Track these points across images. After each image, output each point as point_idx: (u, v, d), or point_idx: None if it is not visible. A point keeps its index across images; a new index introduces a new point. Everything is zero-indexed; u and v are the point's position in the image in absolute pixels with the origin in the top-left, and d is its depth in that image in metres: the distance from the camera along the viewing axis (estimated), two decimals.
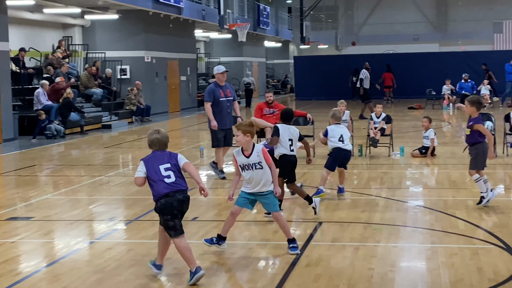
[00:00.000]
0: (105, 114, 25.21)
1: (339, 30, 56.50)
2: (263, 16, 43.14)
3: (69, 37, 27.75)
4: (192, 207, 9.82)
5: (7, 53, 20.09)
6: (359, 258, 7.18)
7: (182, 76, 33.40)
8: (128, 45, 28.63)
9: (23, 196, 11.23)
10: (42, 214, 9.64)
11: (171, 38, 31.52)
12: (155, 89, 30.03)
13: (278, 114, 15.31)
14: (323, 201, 9.92)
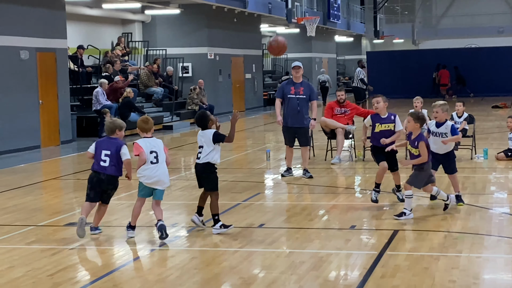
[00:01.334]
0: (166, 115, 25.54)
1: (416, 23, 55.84)
2: (333, 9, 42.96)
3: (129, 34, 28.24)
4: (258, 213, 9.90)
5: (65, 51, 20.58)
6: (439, 269, 7.08)
7: (247, 74, 33.57)
8: (190, 41, 28.94)
9: (81, 201, 11.44)
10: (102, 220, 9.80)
11: (236, 33, 31.72)
12: (218, 87, 30.27)
13: (350, 113, 15.23)
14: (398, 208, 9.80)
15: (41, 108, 19.22)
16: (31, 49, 18.76)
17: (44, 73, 19.38)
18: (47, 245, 8.35)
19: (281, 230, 8.95)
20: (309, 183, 12.56)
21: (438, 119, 9.99)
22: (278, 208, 10.55)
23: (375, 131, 10.23)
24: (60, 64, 20.08)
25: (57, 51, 19.90)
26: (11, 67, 17.97)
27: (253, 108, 33.82)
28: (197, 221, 8.92)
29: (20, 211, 10.49)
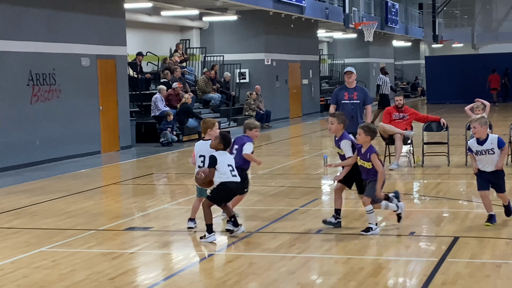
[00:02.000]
0: (224, 120, 25.68)
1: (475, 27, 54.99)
2: (391, 13, 42.66)
3: (187, 40, 28.51)
4: (316, 219, 9.87)
5: (124, 57, 20.87)
6: (502, 276, 6.96)
7: (304, 79, 33.55)
8: (247, 47, 29.07)
9: (140, 206, 11.61)
10: (160, 224, 9.92)
11: (292, 39, 31.75)
12: (275, 93, 30.32)
13: (409, 119, 15.08)
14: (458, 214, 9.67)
15: (102, 114, 19.52)
16: (92, 56, 19.09)
17: (104, 80, 19.69)
18: (108, 249, 8.47)
19: (339, 236, 8.89)
20: None
21: (477, 135, 8.89)
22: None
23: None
24: (120, 70, 20.37)
25: (117, 58, 20.20)
26: (72, 74, 18.31)
27: (310, 113, 33.77)
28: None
29: (81, 215, 10.67)
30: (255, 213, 10.61)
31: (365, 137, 8.80)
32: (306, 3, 30.12)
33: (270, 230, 9.29)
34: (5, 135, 16.00)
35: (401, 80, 52.76)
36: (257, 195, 12.21)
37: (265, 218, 10.11)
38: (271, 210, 10.69)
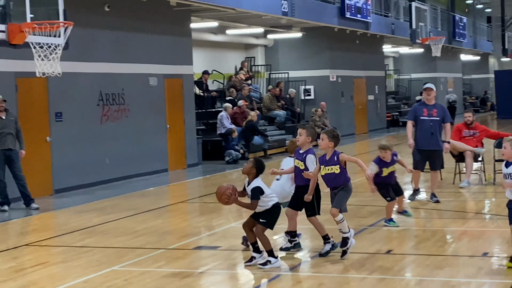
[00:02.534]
0: (289, 137, 25.65)
1: None
2: (459, 27, 42.11)
3: (252, 58, 28.69)
4: (386, 239, 9.78)
5: (191, 76, 21.12)
6: None
7: (369, 95, 33.36)
8: (312, 64, 29.08)
9: (208, 224, 11.69)
10: (228, 243, 9.96)
11: (358, 54, 31.63)
12: (340, 109, 30.22)
13: (480, 136, 14.84)
14: None
15: (169, 132, 19.77)
16: (160, 75, 19.38)
17: (171, 98, 19.95)
18: (177, 268, 8.55)
19: (410, 257, 8.80)
20: (437, 208, 12.31)
21: (506, 157, 7.90)
22: (406, 234, 10.38)
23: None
24: (186, 89, 20.62)
25: (183, 77, 20.46)
26: (141, 93, 18.61)
27: (376, 129, 33.52)
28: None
29: (150, 234, 10.80)
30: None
31: (328, 142, 8.73)
32: (371, 18, 29.99)
33: (338, 250, 9.22)
34: (77, 154, 16.34)
35: (469, 95, 51.95)
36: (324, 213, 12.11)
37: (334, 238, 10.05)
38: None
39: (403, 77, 42.85)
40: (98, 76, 17.18)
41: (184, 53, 20.50)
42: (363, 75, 32.58)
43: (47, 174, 15.56)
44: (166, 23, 19.66)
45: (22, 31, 9.58)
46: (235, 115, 22.50)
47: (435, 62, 42.47)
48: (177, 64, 20.16)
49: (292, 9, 23.60)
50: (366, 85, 32.99)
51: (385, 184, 10.72)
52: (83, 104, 16.72)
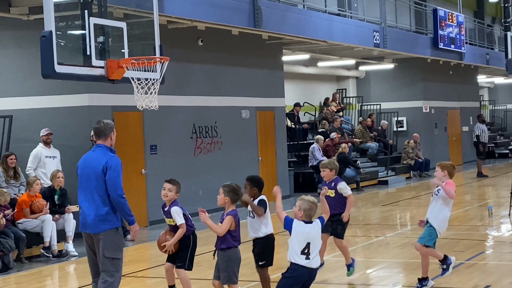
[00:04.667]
0: (381, 169, 25.44)
1: None
2: None
3: (343, 90, 28.65)
4: (484, 274, 9.51)
5: (283, 108, 21.25)
6: None
7: (464, 126, 32.73)
8: (404, 95, 28.79)
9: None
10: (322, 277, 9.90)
11: (451, 85, 31.14)
12: (434, 141, 29.75)
13: None
14: None
15: (261, 165, 19.89)
16: (252, 108, 19.58)
17: (263, 131, 20.11)
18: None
19: None
20: None
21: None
22: (504, 269, 10.10)
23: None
24: (278, 121, 20.75)
25: (275, 109, 20.61)
26: (233, 125, 18.84)
27: (471, 161, 32.77)
28: None
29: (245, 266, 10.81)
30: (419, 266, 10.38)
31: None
32: (465, 49, 29.52)
33: (436, 285, 9.04)
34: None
35: None
36: None
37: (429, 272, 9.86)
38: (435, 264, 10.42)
39: (499, 107, 41.86)
40: (192, 109, 17.50)
41: (276, 86, 20.67)
42: (457, 106, 32.02)
43: (143, 206, 15.88)
44: (258, 56, 19.90)
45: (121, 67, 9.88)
46: (327, 147, 22.46)
47: None
48: (269, 96, 20.34)
49: (384, 41, 23.50)
50: (460, 116, 32.39)
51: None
52: (177, 137, 17.04)
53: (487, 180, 24.37)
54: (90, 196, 7.19)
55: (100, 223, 7.17)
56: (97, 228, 7.17)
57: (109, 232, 7.17)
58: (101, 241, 7.19)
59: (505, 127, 41.37)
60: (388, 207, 17.93)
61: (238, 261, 7.79)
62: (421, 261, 8.71)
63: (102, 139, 7.35)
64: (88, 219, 7.21)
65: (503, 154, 36.32)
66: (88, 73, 9.77)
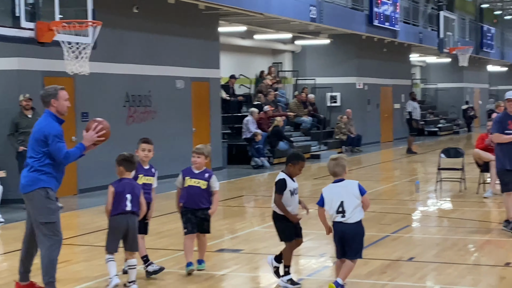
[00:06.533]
0: (314, 144, 25.62)
1: None
2: (486, 38, 41.78)
3: (279, 63, 28.65)
4: (408, 246, 9.69)
5: (218, 80, 21.13)
6: None
7: (395, 104, 33.18)
8: (339, 71, 28.99)
9: (231, 228, 11.67)
10: (251, 247, 9.94)
11: (385, 63, 31.48)
12: (366, 117, 30.08)
13: None
14: None
15: (194, 136, 19.78)
16: (187, 78, 19.40)
17: (197, 102, 19.97)
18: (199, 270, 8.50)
19: (432, 265, 8.70)
20: (460, 217, 12.20)
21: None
22: (428, 242, 10.29)
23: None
24: (213, 93, 20.63)
25: (210, 81, 20.47)
26: (167, 96, 18.64)
27: (401, 138, 33.25)
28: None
29: (173, 235, 10.79)
30: None
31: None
32: (399, 27, 29.84)
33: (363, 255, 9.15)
34: (101, 154, 16.38)
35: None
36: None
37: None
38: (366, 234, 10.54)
39: (430, 86, 42.58)
40: (126, 78, 17.24)
41: (211, 57, 20.52)
42: (390, 83, 32.41)
43: (72, 174, 15.61)
44: (195, 27, 19.70)
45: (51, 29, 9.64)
46: (260, 120, 22.48)
47: (462, 72, 42.13)
48: (204, 67, 20.18)
49: (321, 16, 23.55)
50: (393, 93, 32.81)
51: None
52: (110, 105, 16.77)
53: (416, 157, 24.78)
54: (27, 158, 7.18)
55: (27, 184, 7.09)
56: (25, 189, 7.10)
57: (37, 193, 7.04)
58: (30, 203, 7.10)
59: (435, 105, 42.13)
60: (319, 181, 18.07)
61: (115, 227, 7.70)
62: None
63: (46, 106, 7.25)
64: (21, 181, 7.15)
65: (433, 132, 37.07)
66: (17, 34, 9.50)
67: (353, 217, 7.18)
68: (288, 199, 7.73)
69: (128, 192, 7.72)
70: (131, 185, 7.78)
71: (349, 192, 7.25)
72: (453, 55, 34.89)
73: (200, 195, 8.29)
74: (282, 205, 7.67)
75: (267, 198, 15.50)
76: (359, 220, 7.21)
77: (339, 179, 7.34)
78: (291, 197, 7.75)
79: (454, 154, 15.97)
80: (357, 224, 7.18)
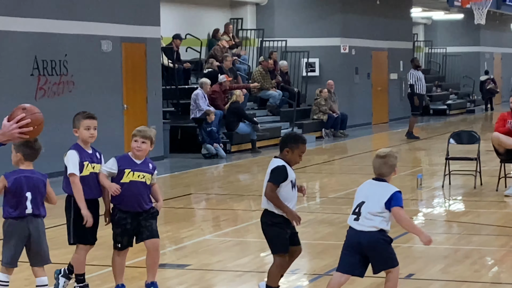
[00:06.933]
0: (285, 125, 25.67)
1: None
2: None
3: (239, 20, 28.62)
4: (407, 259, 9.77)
5: (158, 41, 21.07)
6: None
7: (392, 74, 33.40)
8: (317, 31, 29.08)
9: (175, 236, 11.66)
10: (200, 261, 9.95)
11: (378, 20, 31.66)
12: (354, 91, 30.24)
13: None
14: None
15: (126, 115, 19.71)
16: (115, 38, 19.30)
17: (130, 70, 19.90)
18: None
19: (436, 284, 8.80)
20: (475, 221, 12.32)
21: None
22: (433, 254, 10.38)
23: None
24: (151, 58, 20.56)
25: (147, 42, 20.40)
26: (90, 61, 18.52)
27: (400, 118, 33.53)
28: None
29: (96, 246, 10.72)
30: (326, 249, 10.57)
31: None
32: None
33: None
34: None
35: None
36: (328, 225, 12.17)
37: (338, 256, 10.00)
38: None
39: (437, 50, 42.89)
40: (34, 37, 17.10)
41: (148, 11, 20.46)
42: (385, 47, 32.61)
43: None
44: None
45: None
46: (213, 94, 22.45)
47: (479, 33, 42.54)
48: (139, 24, 20.10)
49: None
50: (388, 60, 33.01)
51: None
52: (12, 73, 16.63)
53: (418, 143, 24.99)
54: None
55: None
56: None
57: None
58: None
59: (443, 75, 42.48)
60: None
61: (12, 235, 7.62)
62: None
63: None
64: None
65: (440, 110, 37.34)
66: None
67: (369, 224, 7.33)
68: (288, 192, 7.71)
69: (29, 189, 7.64)
70: (32, 180, 7.70)
71: (376, 197, 7.37)
72: (466, 10, 35.19)
73: (144, 193, 8.21)
74: (277, 198, 7.64)
75: (222, 197, 15.53)
76: (379, 229, 7.34)
77: (381, 179, 7.48)
78: (292, 191, 7.75)
79: (468, 139, 16.11)
80: (374, 234, 7.34)
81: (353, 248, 7.39)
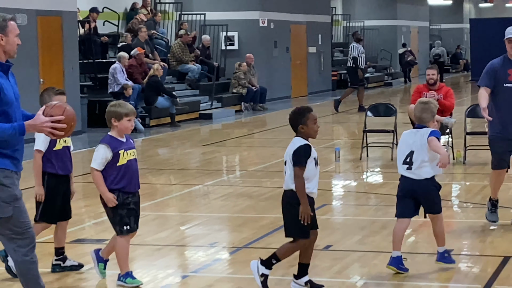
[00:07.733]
0: (204, 99, 25.65)
1: None
2: None
3: None
4: (325, 231, 9.87)
5: (74, 14, 20.83)
6: None
7: (311, 47, 33.52)
8: (236, 4, 29.06)
9: (94, 211, 11.60)
10: None
11: None
12: (273, 65, 30.29)
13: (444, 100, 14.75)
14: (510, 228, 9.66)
15: (42, 89, 19.46)
16: (30, 11, 19.04)
17: (46, 43, 19.66)
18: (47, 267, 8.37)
19: (354, 254, 8.91)
20: (391, 193, 12.48)
21: None
22: (350, 225, 10.52)
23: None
24: (67, 32, 20.33)
25: (63, 15, 20.16)
26: None
27: (318, 92, 33.76)
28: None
29: None
30: (245, 222, 10.61)
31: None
32: None
33: (263, 244, 9.29)
34: None
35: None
36: (247, 198, 12.20)
37: (257, 229, 10.11)
38: (265, 218, 10.69)
39: (355, 23, 43.13)
40: None
41: None
42: (303, 20, 32.69)
43: None
44: None
45: None
46: (131, 68, 22.29)
47: (395, 6, 42.94)
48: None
49: None
50: (307, 34, 33.12)
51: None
52: None
53: (337, 116, 25.18)
54: None
55: None
56: None
57: None
58: None
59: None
60: (210, 148, 18.16)
61: None
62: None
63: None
64: None
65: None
66: None
67: (422, 172, 8.06)
68: (311, 171, 7.53)
69: None
70: None
71: (422, 142, 8.02)
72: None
73: (137, 170, 8.11)
74: (303, 186, 7.41)
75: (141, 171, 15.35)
76: (431, 177, 8.11)
77: (422, 125, 8.10)
78: (316, 168, 7.60)
79: (384, 111, 16.31)
80: (427, 181, 8.10)
81: (408, 195, 8.18)
